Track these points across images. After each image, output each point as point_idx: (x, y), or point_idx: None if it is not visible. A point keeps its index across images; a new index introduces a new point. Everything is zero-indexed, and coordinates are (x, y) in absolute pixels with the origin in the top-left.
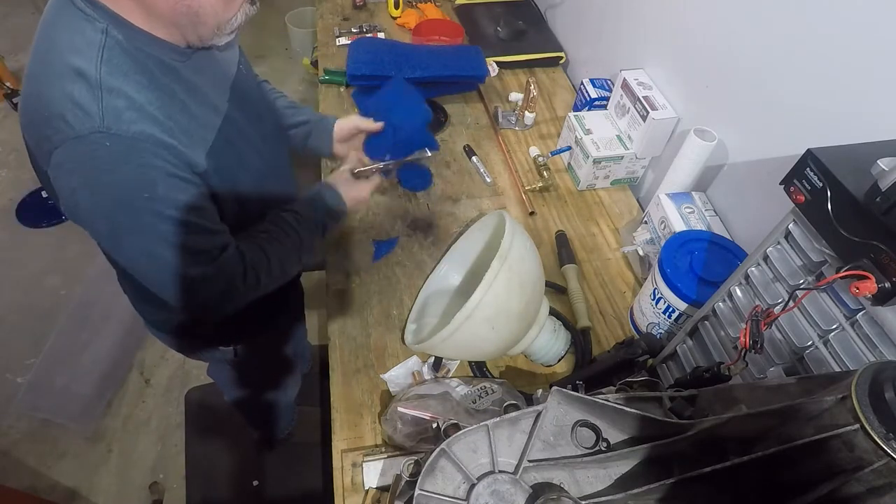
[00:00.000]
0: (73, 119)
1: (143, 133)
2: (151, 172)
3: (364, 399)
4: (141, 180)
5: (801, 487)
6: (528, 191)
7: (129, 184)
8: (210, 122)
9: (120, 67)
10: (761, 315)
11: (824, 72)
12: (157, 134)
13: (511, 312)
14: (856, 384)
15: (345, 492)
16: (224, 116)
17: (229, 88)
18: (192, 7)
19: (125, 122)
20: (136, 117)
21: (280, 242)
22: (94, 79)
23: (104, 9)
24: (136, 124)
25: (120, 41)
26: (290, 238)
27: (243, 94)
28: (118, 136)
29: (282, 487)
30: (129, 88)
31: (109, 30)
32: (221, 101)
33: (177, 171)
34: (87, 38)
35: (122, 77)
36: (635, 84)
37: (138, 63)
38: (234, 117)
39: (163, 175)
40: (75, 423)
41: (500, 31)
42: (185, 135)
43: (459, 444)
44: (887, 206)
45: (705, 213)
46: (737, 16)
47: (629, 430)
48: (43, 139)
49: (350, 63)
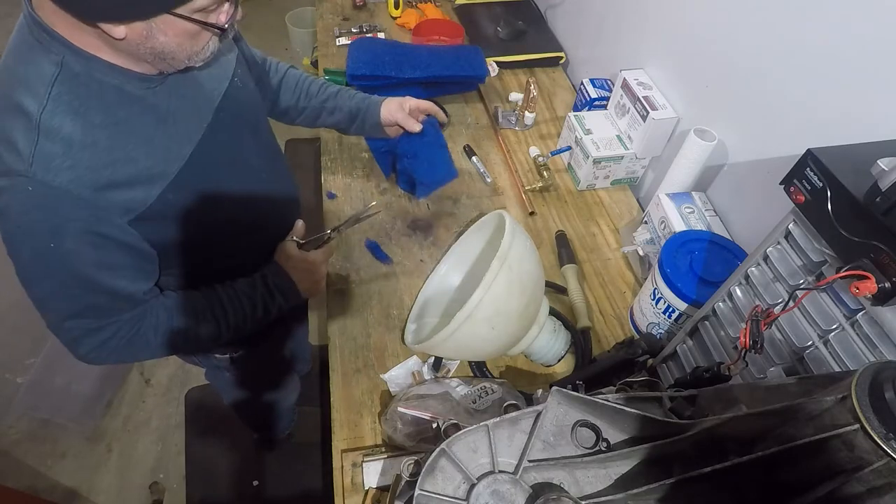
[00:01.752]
0: (6, 156)
1: (70, 184)
2: (63, 225)
3: (364, 399)
4: (50, 230)
5: (801, 487)
6: (528, 191)
7: (36, 229)
8: (177, 152)
9: (70, 104)
10: (761, 315)
11: (824, 72)
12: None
13: (511, 312)
14: (856, 384)
15: (345, 492)
16: (200, 141)
17: (214, 109)
18: (156, 49)
19: (53, 170)
20: (69, 164)
21: (196, 315)
22: (34, 119)
23: (61, 39)
24: (66, 173)
25: (76, 74)
26: (211, 312)
27: (236, 109)
28: (42, 184)
29: (282, 487)
30: (74, 129)
31: (66, 61)
32: (200, 124)
33: (97, 227)
34: (39, 71)
35: (69, 115)
36: (635, 84)
37: (94, 97)
38: (218, 136)
39: (76, 230)
40: (75, 423)
41: (500, 31)
42: (136, 174)
43: (459, 444)
44: (887, 206)
45: (705, 213)
46: (737, 16)
47: (629, 430)
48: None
49: (350, 63)
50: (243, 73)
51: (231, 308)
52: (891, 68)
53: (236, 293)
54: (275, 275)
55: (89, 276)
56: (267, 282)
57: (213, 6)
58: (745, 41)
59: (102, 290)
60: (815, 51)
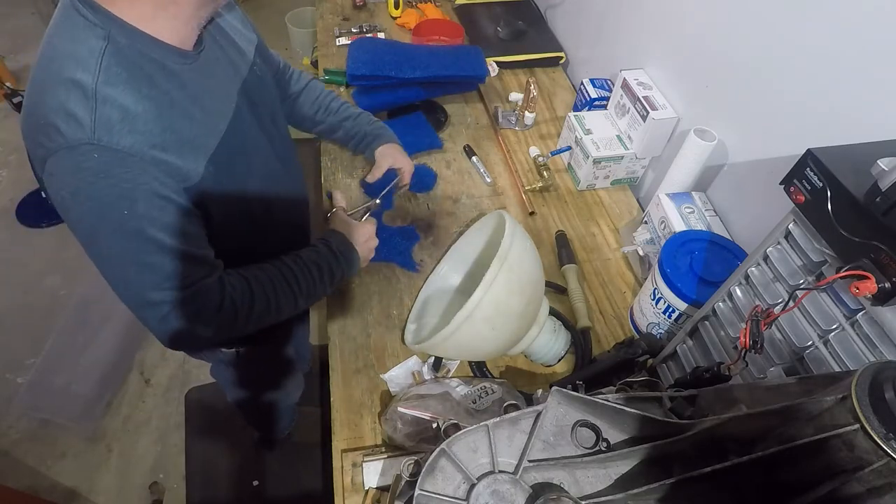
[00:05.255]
0: (65, 129)
1: (133, 147)
2: (134, 188)
3: (364, 399)
4: (122, 195)
5: (802, 487)
6: (528, 191)
7: (109, 197)
8: (214, 127)
9: (119, 75)
10: (761, 315)
11: (825, 72)
12: (147, 149)
13: (511, 312)
14: (856, 384)
15: (345, 492)
16: (231, 120)
17: (238, 91)
18: None
19: (116, 133)
20: (128, 129)
21: (273, 283)
22: (90, 88)
23: (107, 14)
24: (128, 137)
25: (121, 47)
26: (285, 280)
27: (255, 97)
28: (107, 149)
29: (282, 487)
30: (127, 98)
31: (112, 35)
32: (229, 105)
33: (162, 191)
34: (88, 45)
35: (120, 85)
36: (635, 84)
37: (139, 70)
38: (242, 120)
39: (146, 193)
40: (75, 423)
41: (500, 31)
42: (183, 144)
43: (459, 444)
44: (887, 206)
45: (705, 213)
46: (737, 16)
47: (629, 430)
48: (38, 146)
49: (350, 63)
50: (261, 64)
51: (301, 275)
52: (891, 68)
53: (303, 260)
54: (337, 240)
55: (165, 240)
56: (331, 247)
57: None
58: (745, 41)
59: (180, 254)
60: (815, 51)
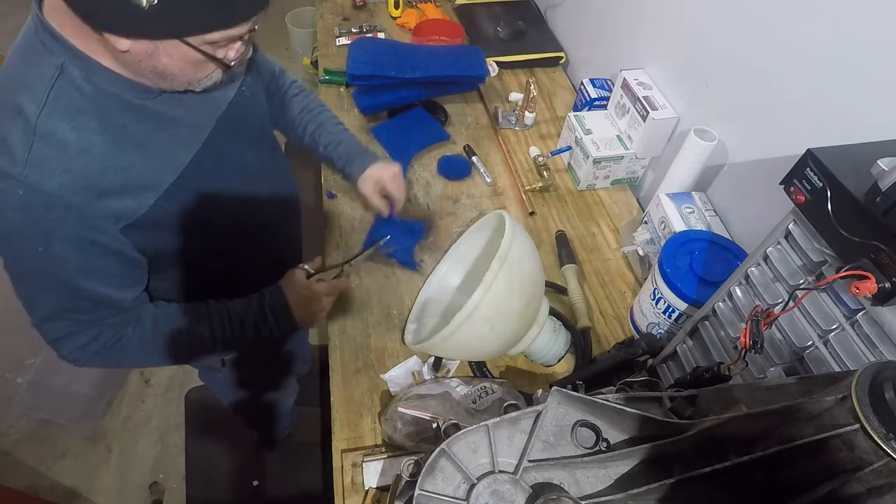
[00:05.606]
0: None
1: (62, 189)
2: (53, 230)
3: (364, 399)
4: (39, 234)
5: (802, 487)
6: (528, 191)
7: (27, 234)
8: (174, 159)
9: (67, 108)
10: (761, 315)
11: (824, 72)
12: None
13: (511, 312)
14: (856, 384)
15: (345, 492)
16: (200, 148)
17: (218, 117)
18: (157, 68)
19: (48, 172)
20: (62, 169)
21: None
22: (31, 121)
23: (64, 43)
24: (59, 177)
25: (74, 79)
26: (208, 327)
27: (238, 118)
28: (33, 188)
29: (282, 487)
30: (69, 133)
31: (66, 66)
32: (198, 135)
33: (86, 234)
34: (40, 72)
35: (65, 119)
36: (635, 84)
37: (91, 103)
38: (217, 146)
39: (64, 236)
40: (75, 423)
41: (500, 31)
42: (128, 182)
43: (459, 444)
44: (887, 206)
45: (705, 213)
46: (737, 16)
47: (629, 430)
48: None
49: (350, 63)
50: (252, 82)
51: (220, 325)
52: (891, 68)
53: (228, 311)
54: (272, 297)
55: (75, 281)
56: (263, 303)
57: (224, 42)
58: (745, 41)
59: (87, 295)
60: (815, 51)
